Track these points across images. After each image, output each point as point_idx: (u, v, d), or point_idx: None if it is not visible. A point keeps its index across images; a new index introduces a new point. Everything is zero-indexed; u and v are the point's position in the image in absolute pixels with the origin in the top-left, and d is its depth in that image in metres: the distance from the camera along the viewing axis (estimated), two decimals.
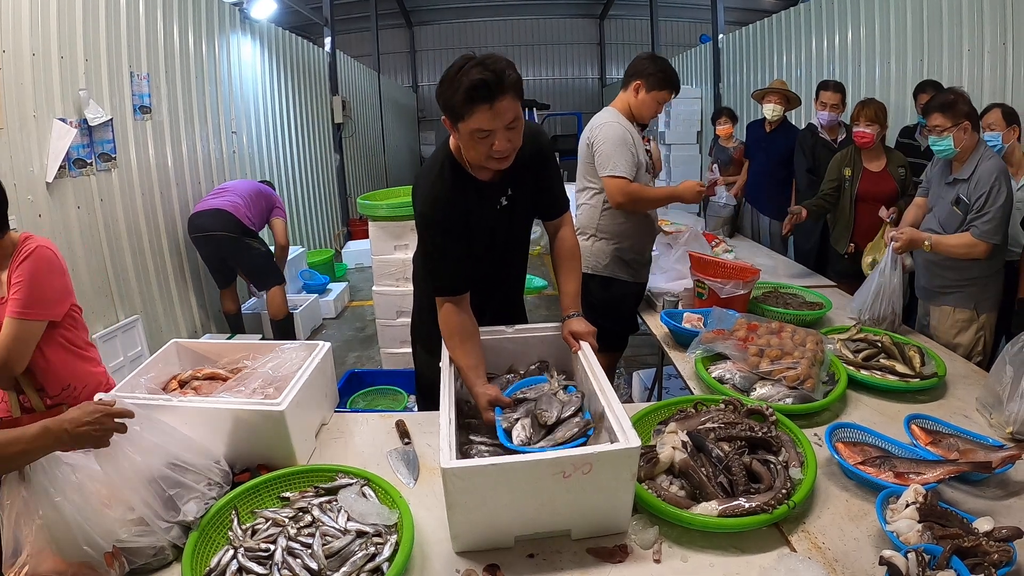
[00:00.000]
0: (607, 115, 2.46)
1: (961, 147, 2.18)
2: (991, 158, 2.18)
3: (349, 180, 8.17)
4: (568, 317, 1.70)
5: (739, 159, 4.54)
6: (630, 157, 2.36)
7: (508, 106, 1.39)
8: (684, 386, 1.99)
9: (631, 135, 2.40)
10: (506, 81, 1.37)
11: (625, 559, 1.18)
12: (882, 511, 1.20)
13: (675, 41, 12.71)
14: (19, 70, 2.77)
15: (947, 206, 2.26)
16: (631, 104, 2.45)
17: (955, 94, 2.22)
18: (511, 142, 1.44)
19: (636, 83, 2.42)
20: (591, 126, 2.48)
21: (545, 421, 1.38)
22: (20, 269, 1.50)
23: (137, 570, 1.15)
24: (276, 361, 1.65)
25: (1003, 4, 3.33)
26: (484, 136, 1.42)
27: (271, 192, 4.27)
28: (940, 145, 2.21)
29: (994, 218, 2.11)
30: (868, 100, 2.99)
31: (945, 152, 2.22)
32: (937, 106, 2.20)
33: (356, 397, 3.11)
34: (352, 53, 9.66)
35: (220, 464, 1.35)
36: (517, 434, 1.38)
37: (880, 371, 1.87)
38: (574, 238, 1.83)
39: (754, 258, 3.40)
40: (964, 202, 2.18)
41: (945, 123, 2.17)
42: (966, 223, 2.17)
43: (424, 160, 12.86)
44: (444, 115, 1.47)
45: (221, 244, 3.85)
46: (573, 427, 1.36)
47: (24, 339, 1.50)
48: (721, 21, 7.34)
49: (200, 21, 4.42)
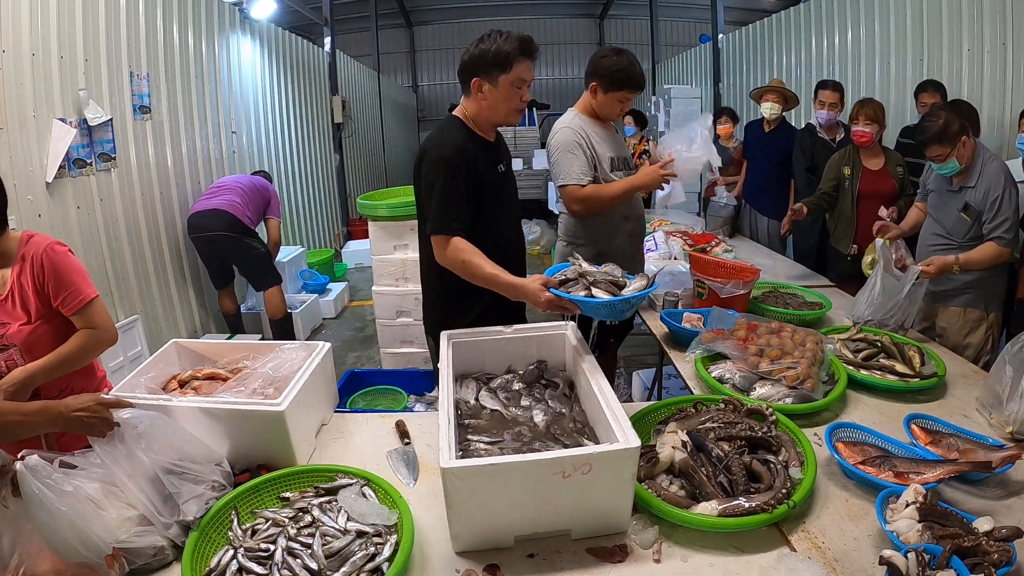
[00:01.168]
0: (562, 119, 2.39)
1: (965, 160, 2.19)
2: (992, 159, 2.20)
3: (349, 180, 8.17)
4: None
5: (739, 159, 4.54)
6: (581, 161, 2.27)
7: (532, 67, 1.76)
8: (684, 386, 1.98)
9: (583, 135, 2.30)
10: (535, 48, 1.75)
11: (625, 559, 1.18)
12: (882, 511, 1.20)
13: (675, 41, 12.70)
14: (19, 70, 2.77)
15: (954, 213, 2.26)
16: (593, 105, 2.37)
17: (942, 117, 2.17)
18: (526, 99, 1.79)
19: (592, 84, 2.33)
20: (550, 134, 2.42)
21: (617, 280, 1.62)
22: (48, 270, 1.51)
23: (137, 570, 1.15)
24: (276, 361, 1.65)
25: (1003, 4, 3.34)
26: (519, 86, 1.75)
27: (267, 186, 4.24)
28: (946, 169, 2.22)
29: (1014, 223, 2.16)
30: (867, 99, 2.99)
31: (952, 172, 2.23)
32: (932, 139, 2.17)
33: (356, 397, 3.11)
34: (352, 53, 9.66)
35: (222, 466, 1.35)
36: (599, 294, 1.57)
37: (880, 371, 1.87)
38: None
39: (754, 258, 3.40)
40: (973, 208, 2.20)
41: (944, 151, 2.17)
42: (982, 231, 2.19)
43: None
44: (481, 73, 1.74)
45: (221, 244, 3.85)
46: (639, 281, 1.63)
47: (104, 311, 1.59)
48: (721, 21, 7.34)
49: (200, 21, 4.42)
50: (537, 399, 1.57)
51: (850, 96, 3.85)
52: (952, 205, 2.27)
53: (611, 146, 2.39)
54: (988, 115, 3.47)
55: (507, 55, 1.70)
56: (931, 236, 2.39)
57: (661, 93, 7.66)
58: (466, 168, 1.75)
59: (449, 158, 1.74)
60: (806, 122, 4.06)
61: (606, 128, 2.42)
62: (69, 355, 1.53)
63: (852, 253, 3.06)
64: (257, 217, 4.07)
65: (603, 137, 2.37)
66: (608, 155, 2.36)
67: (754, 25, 6.50)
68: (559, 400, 1.56)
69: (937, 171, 2.27)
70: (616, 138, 2.47)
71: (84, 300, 1.55)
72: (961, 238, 2.26)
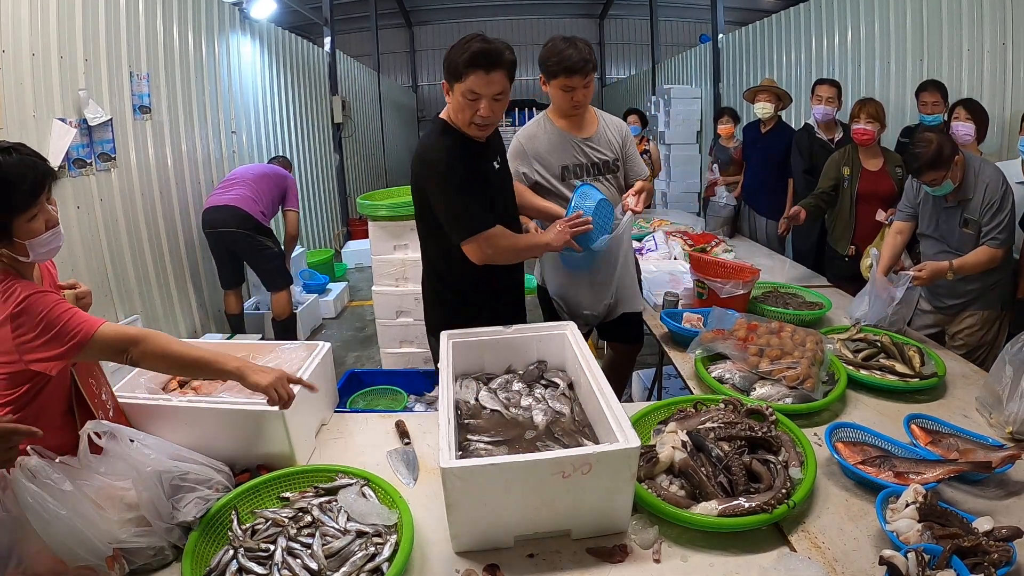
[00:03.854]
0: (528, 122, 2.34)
1: (958, 179, 2.20)
2: (984, 166, 2.20)
3: (349, 180, 8.17)
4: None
5: (739, 159, 4.54)
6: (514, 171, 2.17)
7: (499, 79, 1.66)
8: (684, 386, 1.99)
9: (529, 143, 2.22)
10: (503, 58, 1.65)
11: (625, 559, 1.18)
12: (882, 511, 1.20)
13: (675, 41, 12.72)
14: (19, 70, 2.77)
15: (956, 229, 2.26)
16: (555, 102, 2.24)
17: (934, 142, 2.13)
18: (494, 113, 1.71)
19: (542, 78, 2.21)
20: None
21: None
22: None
23: (137, 570, 1.15)
24: (276, 361, 1.65)
25: (1003, 4, 3.33)
26: (473, 99, 1.67)
27: (282, 175, 4.17)
28: (940, 191, 2.23)
29: (1008, 225, 2.16)
30: (867, 99, 2.99)
31: (946, 192, 2.23)
32: (926, 165, 2.15)
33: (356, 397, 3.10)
34: (352, 53, 9.66)
35: (223, 470, 1.35)
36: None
37: (880, 371, 1.87)
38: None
39: (754, 258, 3.40)
40: (974, 221, 2.20)
41: (939, 175, 2.17)
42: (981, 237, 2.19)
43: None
44: (445, 78, 1.70)
45: (234, 240, 3.83)
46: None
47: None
48: (721, 21, 7.33)
49: (200, 21, 4.41)
50: (537, 399, 1.56)
51: (849, 96, 3.85)
52: (953, 222, 2.27)
53: (571, 153, 2.24)
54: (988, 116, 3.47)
55: (455, 65, 1.65)
56: (937, 255, 2.33)
57: (661, 93, 7.67)
58: (461, 169, 1.75)
59: (443, 171, 1.74)
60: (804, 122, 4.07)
61: (575, 131, 2.25)
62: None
63: (850, 254, 3.06)
64: (271, 210, 4.02)
65: (561, 144, 2.23)
66: (560, 163, 2.23)
67: (754, 25, 6.50)
68: (559, 400, 1.56)
69: (931, 193, 2.27)
70: (587, 144, 2.26)
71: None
72: (969, 251, 2.25)
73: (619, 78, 14.04)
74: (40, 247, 1.22)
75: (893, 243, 2.46)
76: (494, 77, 1.64)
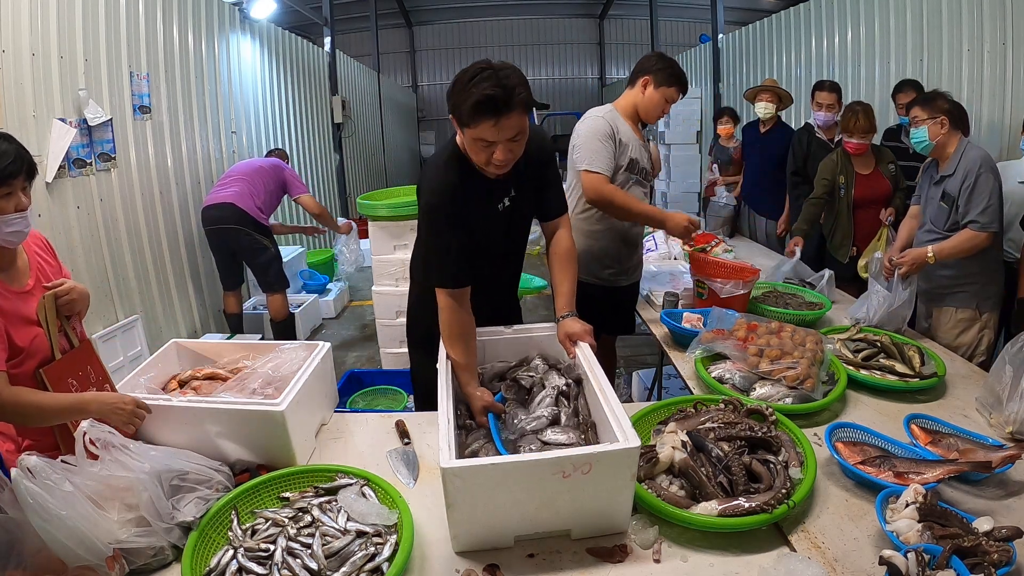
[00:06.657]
0: (597, 110, 2.36)
1: (936, 141, 2.22)
2: (973, 149, 2.20)
3: (349, 180, 8.16)
4: (563, 318, 1.69)
5: (739, 159, 4.55)
6: (607, 153, 2.22)
7: (514, 123, 1.42)
8: (684, 386, 1.99)
9: (616, 131, 2.26)
10: (514, 99, 1.39)
11: (625, 559, 1.18)
12: (882, 511, 1.20)
13: (675, 41, 12.72)
14: (19, 70, 2.77)
15: (936, 203, 2.29)
16: (637, 103, 2.34)
17: (938, 93, 2.32)
18: (512, 152, 1.48)
19: (644, 79, 2.31)
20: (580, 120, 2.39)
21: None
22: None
23: (137, 570, 1.15)
24: (276, 361, 1.65)
25: (1003, 4, 3.33)
26: (486, 146, 1.46)
27: (277, 165, 4.15)
28: (916, 136, 2.27)
29: (988, 206, 2.12)
30: (856, 108, 2.94)
31: (921, 144, 2.27)
32: (919, 100, 2.31)
33: (356, 397, 3.11)
34: (352, 53, 9.66)
35: (223, 470, 1.35)
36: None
37: (880, 371, 1.87)
38: (570, 240, 1.82)
39: (754, 258, 3.40)
40: (950, 196, 2.21)
41: (922, 115, 2.24)
42: (959, 217, 2.18)
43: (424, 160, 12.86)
44: (451, 116, 1.49)
45: (230, 237, 3.83)
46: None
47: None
48: (721, 21, 7.34)
49: (200, 21, 4.41)
50: (538, 399, 1.56)
51: (849, 97, 3.85)
52: (936, 197, 2.29)
53: (636, 150, 2.35)
54: (988, 116, 3.47)
55: (460, 112, 1.43)
56: (922, 232, 2.40)
57: None
58: (459, 210, 1.57)
59: (435, 204, 1.58)
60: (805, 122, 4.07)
61: (636, 132, 2.38)
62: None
63: (852, 255, 3.06)
64: (270, 203, 4.01)
65: (631, 139, 2.33)
66: (630, 156, 2.32)
67: (754, 25, 6.50)
68: (559, 400, 1.55)
69: (911, 140, 2.33)
70: (644, 146, 2.42)
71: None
72: (943, 227, 2.26)
73: (619, 78, 14.06)
74: (3, 225, 1.25)
75: (908, 226, 2.55)
76: (506, 122, 1.41)
